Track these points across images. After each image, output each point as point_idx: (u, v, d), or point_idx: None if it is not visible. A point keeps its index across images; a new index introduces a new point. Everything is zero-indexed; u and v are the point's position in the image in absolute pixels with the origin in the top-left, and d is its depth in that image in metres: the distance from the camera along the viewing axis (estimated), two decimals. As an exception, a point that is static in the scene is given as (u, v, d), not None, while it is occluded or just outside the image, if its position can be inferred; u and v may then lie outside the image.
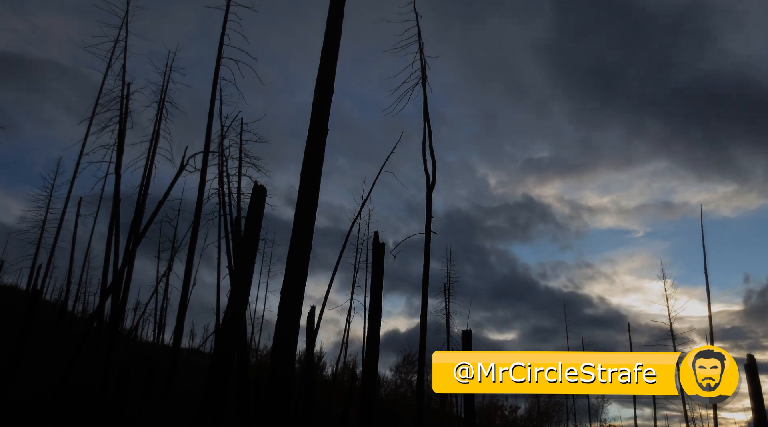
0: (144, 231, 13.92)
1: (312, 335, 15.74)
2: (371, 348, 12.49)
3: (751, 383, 10.69)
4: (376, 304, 12.82)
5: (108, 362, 12.39)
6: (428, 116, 16.13)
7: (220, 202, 17.70)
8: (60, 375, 11.30)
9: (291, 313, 8.74)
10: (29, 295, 14.71)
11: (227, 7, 17.07)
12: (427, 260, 14.85)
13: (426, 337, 14.48)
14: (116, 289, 14.56)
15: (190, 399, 14.01)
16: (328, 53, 10.27)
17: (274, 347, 8.87)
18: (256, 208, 9.87)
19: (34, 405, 10.61)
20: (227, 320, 9.44)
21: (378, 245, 13.35)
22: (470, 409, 12.24)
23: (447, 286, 26.59)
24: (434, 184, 15.61)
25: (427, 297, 14.58)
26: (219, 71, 16.87)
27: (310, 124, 9.83)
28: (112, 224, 17.12)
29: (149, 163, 17.09)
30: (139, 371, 14.10)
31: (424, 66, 16.34)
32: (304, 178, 9.48)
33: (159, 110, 17.91)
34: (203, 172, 16.12)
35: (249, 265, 9.71)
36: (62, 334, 17.83)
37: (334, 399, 21.72)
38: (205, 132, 16.41)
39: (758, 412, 10.53)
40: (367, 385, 12.28)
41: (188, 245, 15.83)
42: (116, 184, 17.07)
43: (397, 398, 28.95)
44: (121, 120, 17.54)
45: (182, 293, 15.66)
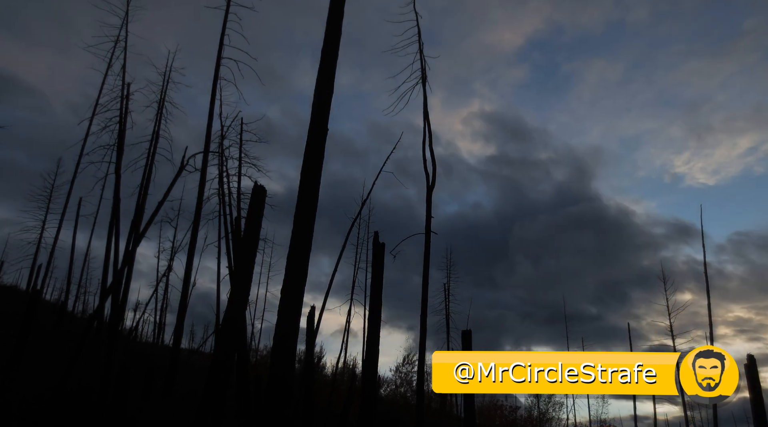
0: (144, 231, 13.93)
1: (312, 335, 15.75)
2: (371, 348, 12.49)
3: (751, 384, 10.70)
4: (376, 304, 12.82)
5: (108, 362, 12.39)
6: (428, 116, 16.15)
7: (220, 202, 17.72)
8: (60, 375, 11.31)
9: (291, 313, 8.74)
10: (29, 295, 14.71)
11: (227, 7, 17.08)
12: (427, 260, 14.85)
13: (426, 337, 14.49)
14: (116, 289, 14.56)
15: (190, 399, 14.01)
16: (328, 53, 10.27)
17: (274, 347, 8.87)
18: (256, 208, 9.87)
19: (34, 405, 10.61)
20: (227, 320, 9.43)
21: (378, 245, 13.36)
22: (470, 409, 12.23)
23: (447, 286, 26.60)
24: (434, 184, 15.62)
25: (427, 297, 14.58)
26: (219, 71, 16.88)
27: (310, 124, 9.84)
28: (112, 224, 17.12)
29: (149, 163, 17.10)
30: (139, 371, 14.10)
31: (424, 66, 16.36)
32: (304, 178, 9.48)
33: (159, 110, 17.91)
34: (203, 172, 16.13)
35: (249, 265, 9.71)
36: (62, 334, 17.82)
37: (334, 399, 21.73)
38: (205, 132, 16.43)
39: (758, 412, 10.53)
40: (367, 385, 12.28)
41: (188, 245, 15.85)
42: (116, 184, 17.07)
43: (397, 398, 28.95)
44: (121, 120, 17.54)
45: (182, 293, 15.66)
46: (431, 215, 15.24)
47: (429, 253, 14.91)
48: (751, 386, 10.73)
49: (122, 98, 17.87)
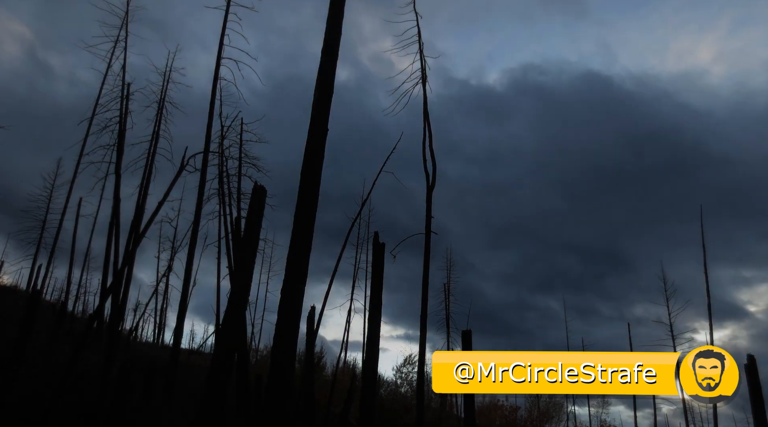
0: (144, 231, 13.92)
1: (312, 335, 15.75)
2: (371, 348, 12.49)
3: (751, 383, 10.69)
4: (376, 304, 12.83)
5: (108, 362, 12.39)
6: (428, 116, 16.15)
7: (220, 203, 17.71)
8: (60, 375, 11.30)
9: (291, 313, 8.75)
10: (29, 295, 14.71)
11: (227, 7, 17.09)
12: (427, 260, 14.85)
13: (426, 337, 14.49)
14: (116, 289, 14.57)
15: (191, 399, 14.01)
16: (328, 53, 10.28)
17: (274, 347, 8.87)
18: (256, 208, 9.88)
19: (34, 405, 10.61)
20: (227, 320, 9.44)
21: (378, 244, 13.36)
22: (470, 409, 12.22)
23: (447, 286, 26.60)
24: (434, 184, 15.62)
25: (427, 297, 14.57)
26: (219, 71, 16.88)
27: (310, 124, 9.84)
28: (112, 224, 17.12)
29: (149, 163, 17.11)
30: (139, 371, 14.09)
31: (424, 66, 16.37)
32: (304, 178, 9.49)
33: (159, 110, 17.93)
34: (203, 172, 16.13)
35: (249, 265, 9.71)
36: (62, 334, 17.82)
37: (334, 399, 21.71)
38: (205, 132, 16.42)
39: (758, 412, 10.52)
40: (367, 385, 12.28)
41: (188, 245, 15.85)
42: (116, 184, 17.07)
43: (397, 398, 28.93)
44: (121, 120, 17.55)
45: (182, 293, 15.67)
46: (431, 215, 15.25)
47: (429, 253, 14.92)
48: (751, 386, 10.72)
49: (122, 98, 17.88)
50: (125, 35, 18.35)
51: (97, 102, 18.47)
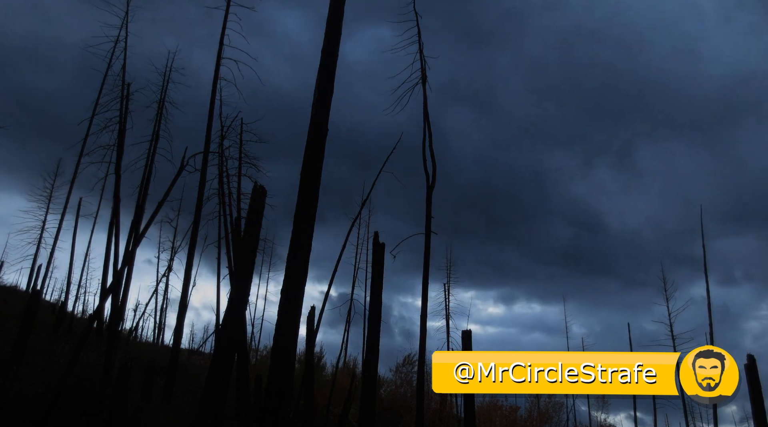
0: (144, 231, 13.91)
1: (312, 335, 15.73)
2: (371, 348, 12.49)
3: (751, 383, 10.69)
4: (376, 304, 12.82)
5: (108, 362, 12.38)
6: (428, 116, 16.14)
7: (220, 203, 17.70)
8: (60, 375, 11.29)
9: (291, 313, 8.75)
10: (29, 295, 14.70)
11: (227, 7, 17.06)
12: (427, 260, 14.84)
13: (426, 337, 14.48)
14: (116, 289, 14.56)
15: (190, 399, 14.01)
16: (328, 53, 10.28)
17: (274, 348, 8.87)
18: (256, 208, 9.88)
19: (34, 405, 10.61)
20: (227, 320, 9.44)
21: (378, 244, 13.35)
22: (470, 409, 12.22)
23: (447, 286, 26.60)
24: (434, 184, 15.60)
25: (427, 297, 14.57)
26: (219, 71, 16.87)
27: (310, 124, 9.84)
28: (112, 224, 17.12)
29: (149, 163, 17.10)
30: (139, 371, 14.08)
31: (424, 66, 16.34)
32: (304, 178, 9.49)
33: (159, 110, 17.92)
34: (203, 172, 16.12)
35: (249, 265, 9.71)
36: (62, 334, 17.81)
37: (334, 399, 21.69)
38: (205, 132, 16.41)
39: (758, 412, 10.52)
40: (367, 385, 12.28)
41: (188, 245, 15.84)
42: (116, 184, 17.06)
43: (397, 398, 28.93)
44: (121, 120, 17.55)
45: (182, 293, 15.65)
46: (431, 215, 15.24)
47: (429, 253, 14.91)
48: (751, 386, 10.72)
49: (122, 98, 17.89)
50: (125, 35, 18.37)
51: (97, 102, 18.48)
